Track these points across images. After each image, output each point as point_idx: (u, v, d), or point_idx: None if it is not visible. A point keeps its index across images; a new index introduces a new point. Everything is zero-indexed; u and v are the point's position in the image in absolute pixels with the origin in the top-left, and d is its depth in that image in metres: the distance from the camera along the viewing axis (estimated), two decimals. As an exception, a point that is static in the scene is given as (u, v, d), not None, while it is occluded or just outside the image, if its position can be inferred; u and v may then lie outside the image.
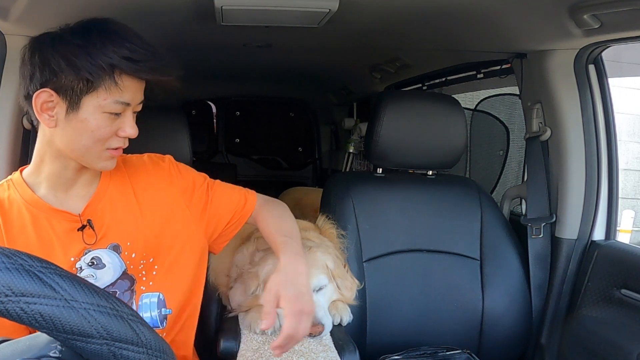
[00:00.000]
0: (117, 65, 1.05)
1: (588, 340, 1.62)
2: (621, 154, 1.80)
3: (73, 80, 1.05)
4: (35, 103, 1.07)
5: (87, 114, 1.07)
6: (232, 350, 1.29)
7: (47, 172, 1.16)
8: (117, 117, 1.09)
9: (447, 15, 1.51)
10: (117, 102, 1.07)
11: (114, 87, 1.06)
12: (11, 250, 0.58)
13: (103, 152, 1.12)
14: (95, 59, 1.04)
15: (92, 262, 1.16)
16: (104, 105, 1.06)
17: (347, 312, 1.46)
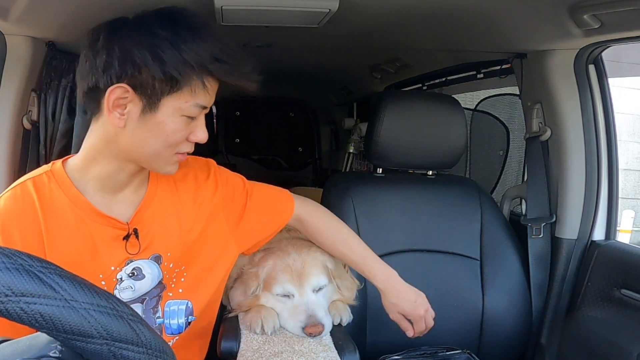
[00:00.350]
0: (207, 65, 0.96)
1: (588, 340, 1.62)
2: (621, 154, 1.80)
3: (156, 77, 0.95)
4: (109, 98, 0.96)
5: (165, 116, 0.98)
6: (232, 350, 1.29)
7: (97, 172, 1.06)
8: (192, 120, 1.01)
9: (447, 15, 1.51)
10: (197, 106, 0.99)
11: (201, 89, 0.98)
12: (11, 250, 0.58)
13: (172, 156, 1.04)
14: (185, 56, 0.95)
15: (132, 272, 1.11)
16: (184, 108, 0.98)
17: (347, 312, 1.46)
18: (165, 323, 1.20)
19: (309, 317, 1.33)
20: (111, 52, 0.95)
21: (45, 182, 1.07)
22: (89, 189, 1.07)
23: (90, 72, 0.99)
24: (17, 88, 1.55)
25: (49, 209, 1.05)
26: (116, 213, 1.09)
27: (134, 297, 1.15)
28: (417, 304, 1.37)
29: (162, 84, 0.96)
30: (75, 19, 1.49)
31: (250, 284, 1.43)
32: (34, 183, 1.07)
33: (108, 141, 1.03)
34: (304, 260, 1.42)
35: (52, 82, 1.63)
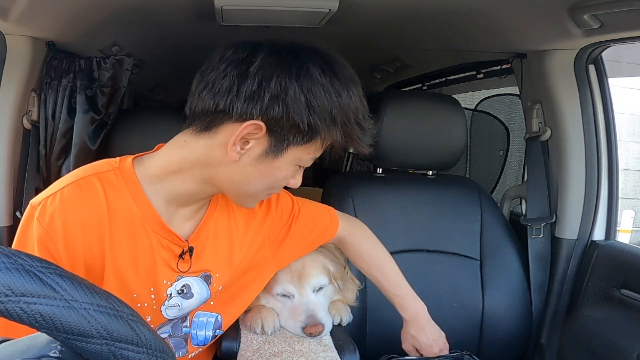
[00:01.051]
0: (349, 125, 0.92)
1: (588, 340, 1.62)
2: (621, 154, 1.80)
3: (298, 124, 0.89)
4: (241, 131, 0.89)
5: (284, 163, 0.94)
6: (232, 350, 1.29)
7: (175, 187, 1.00)
8: (300, 169, 0.99)
9: (447, 15, 1.51)
10: (314, 158, 0.97)
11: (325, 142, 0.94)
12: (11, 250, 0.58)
13: (262, 197, 1.04)
14: (334, 111, 0.89)
15: (182, 289, 1.09)
16: (304, 160, 0.96)
17: (347, 312, 1.46)
18: (192, 333, 1.20)
19: (309, 317, 1.33)
20: (265, 84, 0.87)
21: (114, 181, 0.98)
22: (157, 199, 1.01)
23: (227, 92, 0.89)
24: (17, 88, 1.55)
25: (116, 211, 0.97)
26: (177, 227, 1.05)
27: (179, 315, 1.14)
28: (434, 343, 1.37)
29: (297, 132, 0.91)
30: (75, 19, 1.49)
31: (250, 284, 1.43)
32: (99, 180, 0.98)
33: (206, 164, 0.96)
34: (304, 261, 1.42)
35: (52, 82, 1.63)
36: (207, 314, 1.19)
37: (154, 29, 1.71)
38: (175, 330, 1.17)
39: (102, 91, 1.66)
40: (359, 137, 0.95)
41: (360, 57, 2.43)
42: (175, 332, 1.18)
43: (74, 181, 0.97)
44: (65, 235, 0.93)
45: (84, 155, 1.61)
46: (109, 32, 1.68)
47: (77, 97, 1.64)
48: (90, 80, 1.66)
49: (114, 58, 1.67)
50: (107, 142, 1.66)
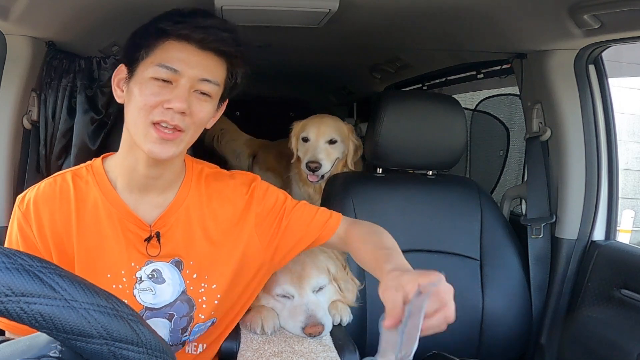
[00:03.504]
0: (165, 29, 1.03)
1: (588, 340, 1.62)
2: (621, 154, 1.80)
3: (132, 49, 1.06)
4: (114, 80, 1.09)
5: (138, 81, 1.04)
6: (232, 350, 1.29)
7: (123, 165, 1.12)
8: (165, 85, 1.03)
9: (447, 15, 1.51)
10: (162, 67, 1.02)
11: (160, 50, 1.03)
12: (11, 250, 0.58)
13: (149, 127, 1.03)
14: (149, 26, 1.06)
15: (152, 274, 1.13)
16: (150, 71, 1.02)
17: (347, 312, 1.46)
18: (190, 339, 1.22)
19: (309, 318, 1.33)
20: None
21: (84, 175, 1.14)
22: (119, 186, 1.13)
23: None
24: (17, 88, 1.55)
25: (83, 200, 1.11)
26: (142, 212, 1.13)
27: (158, 305, 1.14)
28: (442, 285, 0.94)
29: (136, 53, 1.05)
30: (75, 19, 1.49)
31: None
32: (72, 175, 1.14)
33: (126, 128, 1.09)
34: (304, 261, 1.42)
35: (52, 82, 1.63)
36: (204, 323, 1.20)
37: (154, 29, 1.71)
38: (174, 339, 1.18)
39: (102, 91, 1.66)
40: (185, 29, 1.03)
41: (360, 57, 2.43)
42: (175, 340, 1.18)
43: (53, 176, 1.15)
44: (37, 220, 1.09)
45: (84, 155, 1.61)
46: (109, 32, 1.68)
47: (77, 97, 1.64)
48: (90, 80, 1.66)
49: (114, 58, 1.67)
50: (107, 142, 1.66)
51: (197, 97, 1.05)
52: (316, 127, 2.10)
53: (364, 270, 1.66)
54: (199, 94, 1.06)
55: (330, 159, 2.08)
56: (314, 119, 2.15)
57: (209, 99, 1.08)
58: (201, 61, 1.04)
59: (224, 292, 1.19)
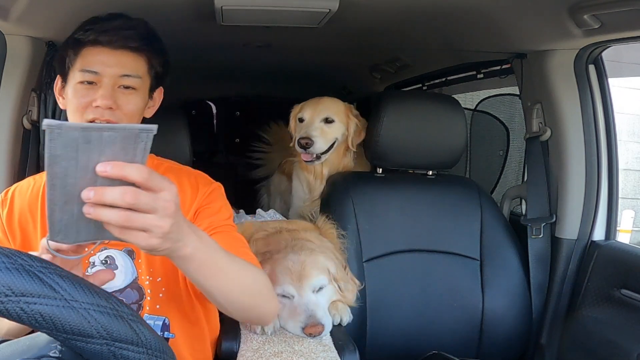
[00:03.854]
0: (78, 38, 1.14)
1: (588, 340, 1.62)
2: (621, 154, 1.79)
3: (60, 62, 1.18)
4: (55, 90, 1.21)
5: (70, 87, 1.15)
6: (232, 350, 1.29)
7: None
8: (91, 87, 1.13)
9: (447, 15, 1.51)
10: (84, 71, 1.12)
11: (80, 57, 1.14)
12: (11, 250, 0.58)
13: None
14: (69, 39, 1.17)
15: (105, 260, 1.18)
16: (77, 76, 1.13)
17: (347, 312, 1.46)
18: None
19: (309, 318, 1.33)
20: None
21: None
22: None
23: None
24: (17, 88, 1.55)
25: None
26: None
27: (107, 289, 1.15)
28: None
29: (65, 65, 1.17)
30: (75, 19, 1.49)
31: (250, 285, 1.43)
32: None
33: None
34: (303, 261, 1.42)
35: (52, 82, 1.63)
36: (154, 317, 1.19)
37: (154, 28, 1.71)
38: None
39: (102, 91, 1.66)
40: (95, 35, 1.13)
41: (360, 57, 2.43)
42: None
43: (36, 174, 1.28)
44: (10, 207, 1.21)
45: (83, 155, 1.62)
46: (109, 32, 1.68)
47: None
48: (90, 80, 1.65)
49: (114, 58, 1.67)
50: (107, 142, 1.66)
51: (122, 91, 1.15)
52: (312, 107, 2.04)
53: (364, 270, 1.67)
54: (123, 88, 1.15)
55: (325, 138, 1.98)
56: (312, 99, 2.09)
57: (134, 91, 1.17)
58: (117, 60, 1.14)
59: (167, 286, 1.20)
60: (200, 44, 1.99)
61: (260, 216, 1.93)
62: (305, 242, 1.53)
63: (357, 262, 1.67)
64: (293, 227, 1.70)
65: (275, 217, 1.93)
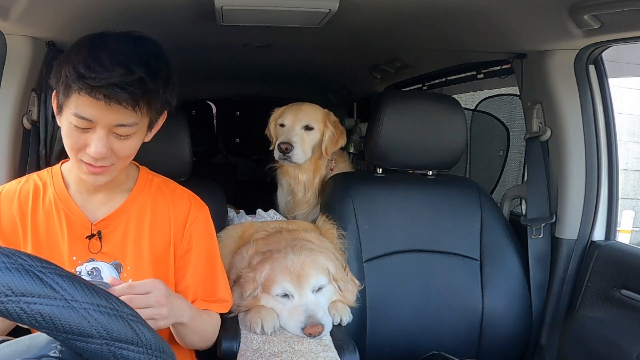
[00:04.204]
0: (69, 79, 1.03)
1: (588, 340, 1.62)
2: (621, 154, 1.80)
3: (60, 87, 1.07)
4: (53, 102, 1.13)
5: (63, 120, 1.09)
6: (232, 350, 1.29)
7: (72, 172, 1.22)
8: (84, 131, 1.06)
9: (447, 15, 1.51)
10: (77, 116, 1.04)
11: (74, 99, 1.04)
12: (11, 250, 0.58)
13: (80, 163, 1.11)
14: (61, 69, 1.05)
15: (92, 271, 1.18)
16: (70, 118, 1.06)
17: (347, 312, 1.46)
18: None
19: (309, 318, 1.33)
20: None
21: (44, 176, 1.25)
22: (72, 187, 1.22)
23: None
24: (17, 88, 1.55)
25: (39, 198, 1.21)
26: (89, 210, 1.21)
27: None
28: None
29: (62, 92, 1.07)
30: (75, 19, 1.49)
31: (247, 288, 1.43)
32: (36, 176, 1.26)
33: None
34: (303, 261, 1.43)
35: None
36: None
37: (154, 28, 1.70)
38: None
39: (102, 91, 1.66)
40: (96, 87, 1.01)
41: (360, 57, 2.43)
42: None
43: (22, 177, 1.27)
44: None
45: (83, 155, 1.61)
46: (109, 32, 1.68)
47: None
48: (90, 80, 1.65)
49: (114, 58, 1.66)
50: (107, 142, 1.66)
51: (118, 137, 1.09)
52: (294, 113, 2.05)
53: (364, 270, 1.67)
54: (117, 135, 1.08)
55: (304, 144, 2.00)
56: (293, 105, 2.10)
57: (130, 136, 1.10)
58: (113, 111, 1.04)
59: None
60: (200, 44, 1.99)
61: (260, 216, 1.93)
62: (305, 242, 1.53)
63: (357, 262, 1.67)
64: (293, 227, 1.71)
65: (275, 217, 1.93)
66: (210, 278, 1.29)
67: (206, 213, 1.30)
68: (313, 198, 2.07)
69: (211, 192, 1.65)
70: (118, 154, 1.10)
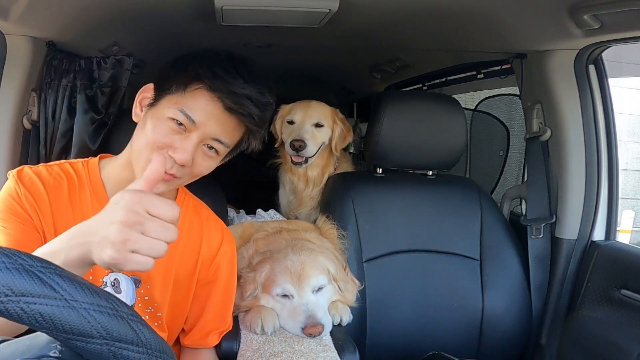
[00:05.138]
0: (200, 75, 1.01)
1: (588, 340, 1.62)
2: (621, 154, 1.80)
3: (167, 79, 1.05)
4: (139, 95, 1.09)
5: (155, 115, 1.04)
6: (232, 350, 1.29)
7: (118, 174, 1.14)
8: (178, 130, 1.02)
9: (447, 15, 1.51)
10: (182, 112, 1.01)
11: (189, 94, 1.01)
12: (11, 250, 0.58)
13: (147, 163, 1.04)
14: (190, 64, 1.04)
15: (114, 282, 1.14)
16: (171, 111, 1.02)
17: (347, 312, 1.46)
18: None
19: (309, 318, 1.33)
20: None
21: (79, 170, 1.15)
22: (110, 189, 1.14)
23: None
24: (17, 88, 1.55)
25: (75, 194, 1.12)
26: None
27: None
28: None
29: (167, 84, 1.04)
30: (75, 19, 1.49)
31: (247, 288, 1.43)
32: (69, 166, 1.16)
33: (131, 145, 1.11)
34: (303, 262, 1.43)
35: (52, 82, 1.63)
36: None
37: (154, 29, 1.71)
38: None
39: (102, 91, 1.66)
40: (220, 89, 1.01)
41: (360, 57, 2.43)
42: None
43: (51, 164, 1.16)
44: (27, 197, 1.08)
45: (84, 155, 1.61)
46: (109, 32, 1.68)
47: (77, 97, 1.64)
48: (90, 80, 1.65)
49: (114, 58, 1.67)
50: (107, 142, 1.66)
51: (204, 151, 1.06)
52: (303, 110, 2.05)
53: (364, 270, 1.67)
54: (206, 148, 1.05)
55: (315, 141, 2.02)
56: (301, 102, 2.10)
57: (215, 155, 1.08)
58: (223, 121, 1.03)
59: (165, 320, 1.22)
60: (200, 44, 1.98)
61: (260, 216, 1.93)
62: (305, 243, 1.53)
63: (357, 262, 1.67)
64: (293, 227, 1.71)
65: (276, 217, 1.93)
66: (225, 309, 1.30)
67: (234, 247, 1.31)
68: (318, 194, 2.07)
69: (211, 192, 1.65)
70: (193, 170, 1.06)
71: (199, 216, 1.26)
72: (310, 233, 1.63)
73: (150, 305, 1.18)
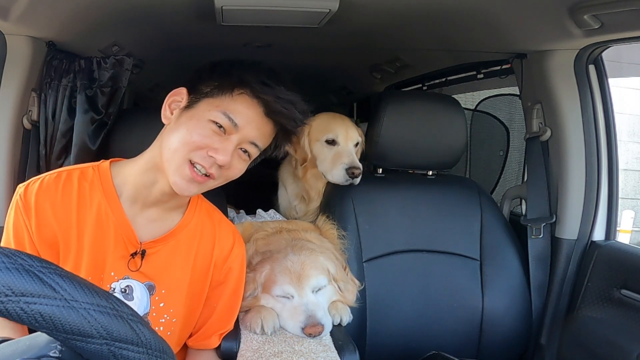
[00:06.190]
0: (245, 81, 1.06)
1: (588, 340, 1.62)
2: (621, 154, 1.80)
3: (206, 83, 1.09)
4: (168, 98, 1.12)
5: (194, 116, 1.07)
6: (232, 350, 1.29)
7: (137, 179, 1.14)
8: (218, 133, 1.06)
9: (447, 15, 1.51)
10: (225, 115, 1.05)
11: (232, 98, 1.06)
12: (11, 250, 0.58)
13: (184, 163, 1.06)
14: (234, 70, 1.08)
15: (125, 289, 1.14)
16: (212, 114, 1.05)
17: (347, 312, 1.46)
18: None
19: (309, 318, 1.33)
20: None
21: (89, 175, 1.15)
22: (124, 195, 1.14)
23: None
24: (17, 88, 1.55)
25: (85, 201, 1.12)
26: (138, 227, 1.15)
27: None
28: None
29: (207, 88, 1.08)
30: (75, 19, 1.49)
31: (247, 288, 1.43)
32: (79, 174, 1.15)
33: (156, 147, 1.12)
34: (303, 262, 1.42)
35: (52, 82, 1.63)
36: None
37: (154, 29, 1.71)
38: None
39: (102, 91, 1.66)
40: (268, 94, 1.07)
41: (360, 57, 2.43)
42: None
43: (58, 171, 1.15)
44: (37, 212, 1.08)
45: (84, 155, 1.61)
46: (109, 32, 1.68)
47: (77, 97, 1.64)
48: (90, 80, 1.65)
49: (114, 58, 1.66)
50: (107, 142, 1.66)
51: (239, 154, 1.10)
52: (344, 129, 1.86)
53: (364, 270, 1.67)
54: (242, 151, 1.10)
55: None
56: (335, 119, 1.91)
57: (247, 159, 1.13)
58: (261, 126, 1.09)
59: (179, 327, 1.22)
60: (200, 44, 1.99)
61: (260, 216, 1.93)
62: (305, 243, 1.53)
63: (357, 262, 1.67)
64: (293, 227, 1.71)
65: (276, 217, 1.93)
66: (232, 311, 1.32)
67: (244, 250, 1.34)
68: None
69: (211, 192, 1.64)
70: (228, 172, 1.10)
71: (211, 220, 1.27)
72: (310, 233, 1.63)
73: (166, 312, 1.18)
